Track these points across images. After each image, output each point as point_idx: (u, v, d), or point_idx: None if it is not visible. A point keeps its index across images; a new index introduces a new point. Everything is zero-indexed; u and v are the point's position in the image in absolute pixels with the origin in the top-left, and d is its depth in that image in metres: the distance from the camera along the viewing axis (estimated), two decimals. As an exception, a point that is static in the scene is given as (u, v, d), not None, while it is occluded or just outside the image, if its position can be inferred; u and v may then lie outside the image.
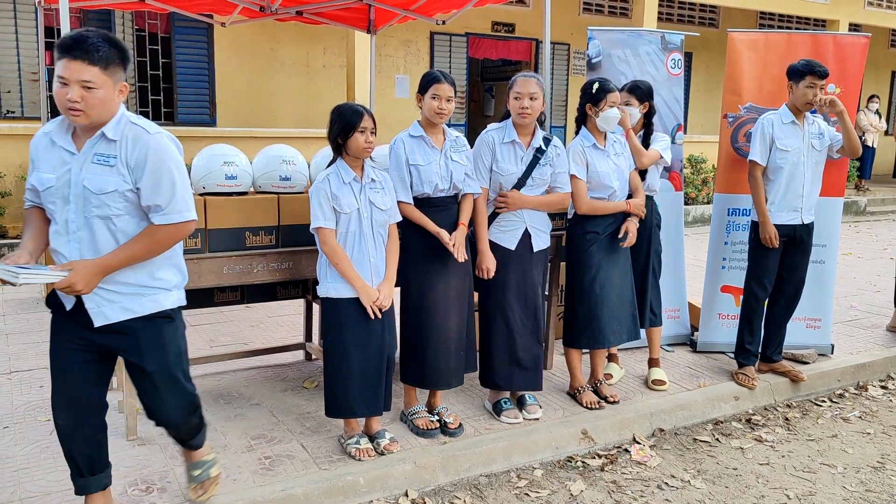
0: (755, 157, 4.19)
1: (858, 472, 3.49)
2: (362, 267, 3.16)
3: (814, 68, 4.05)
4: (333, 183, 3.13)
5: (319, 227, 3.13)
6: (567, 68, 12.81)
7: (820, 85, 4.06)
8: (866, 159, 13.70)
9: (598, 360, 4.01)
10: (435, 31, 11.26)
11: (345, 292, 3.15)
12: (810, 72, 4.05)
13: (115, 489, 2.90)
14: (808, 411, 4.24)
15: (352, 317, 3.16)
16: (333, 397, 3.24)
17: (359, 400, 3.20)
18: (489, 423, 3.66)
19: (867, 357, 4.85)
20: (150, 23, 9.19)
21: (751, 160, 4.22)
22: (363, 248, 3.16)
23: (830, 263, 4.78)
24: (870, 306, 6.23)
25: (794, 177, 4.17)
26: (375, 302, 3.14)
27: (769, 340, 4.44)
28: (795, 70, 4.11)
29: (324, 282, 3.20)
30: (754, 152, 4.20)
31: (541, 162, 3.59)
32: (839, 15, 13.40)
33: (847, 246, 9.10)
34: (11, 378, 4.12)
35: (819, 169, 4.25)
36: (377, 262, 3.20)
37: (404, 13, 6.04)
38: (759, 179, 4.19)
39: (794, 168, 4.16)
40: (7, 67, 8.39)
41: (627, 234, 3.76)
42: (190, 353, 4.63)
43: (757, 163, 4.19)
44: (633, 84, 4.15)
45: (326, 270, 3.19)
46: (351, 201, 3.13)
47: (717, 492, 3.27)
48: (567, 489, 3.24)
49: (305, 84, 10.38)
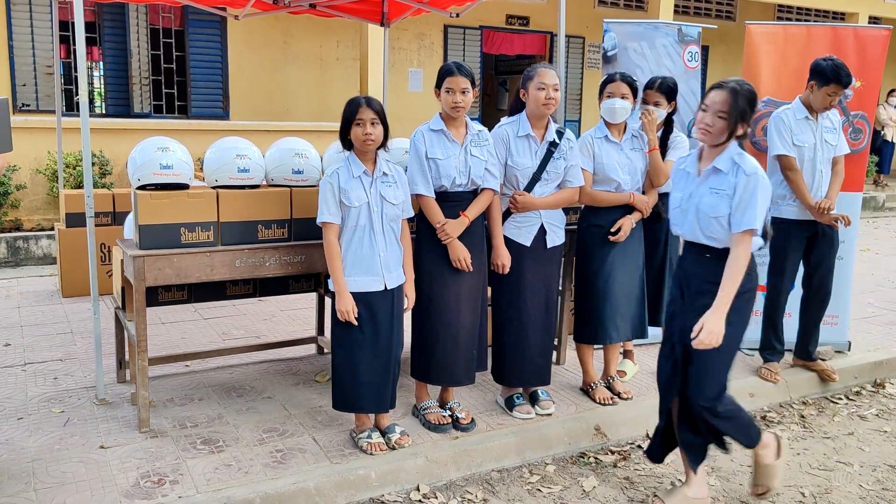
0: (781, 151, 4.08)
1: (875, 471, 3.45)
2: (372, 261, 3.15)
3: (841, 78, 3.91)
4: (342, 177, 3.12)
5: (323, 221, 3.13)
6: (582, 62, 12.72)
7: (842, 93, 3.98)
8: (885, 154, 13.52)
9: (610, 355, 3.98)
10: (449, 23, 11.20)
11: (354, 287, 3.14)
12: (837, 81, 3.92)
13: (128, 480, 2.92)
14: (825, 409, 4.19)
15: (361, 313, 3.15)
16: (341, 392, 3.23)
17: (365, 396, 3.20)
18: (501, 418, 3.64)
19: (885, 354, 4.79)
20: (163, 16, 9.21)
21: (777, 155, 4.12)
22: (373, 242, 3.15)
23: (848, 259, 4.72)
24: (888, 303, 6.15)
25: (809, 172, 4.10)
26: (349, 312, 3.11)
27: (803, 337, 4.40)
28: (822, 73, 3.96)
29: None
30: (777, 146, 4.10)
31: (555, 155, 3.55)
32: (859, 7, 13.21)
33: (865, 242, 8.99)
34: (26, 370, 4.15)
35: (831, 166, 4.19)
36: (387, 257, 3.19)
37: (418, 6, 6.01)
38: (796, 168, 4.08)
39: (808, 164, 4.10)
40: (22, 61, 8.43)
41: (620, 229, 3.71)
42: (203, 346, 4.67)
43: (786, 155, 4.09)
44: (661, 81, 3.95)
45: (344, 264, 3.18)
46: (360, 195, 3.12)
47: (732, 489, 3.24)
48: (579, 485, 3.22)
49: (319, 77, 10.37)
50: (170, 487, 2.89)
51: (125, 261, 3.45)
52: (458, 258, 3.33)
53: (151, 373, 3.93)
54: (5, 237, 6.92)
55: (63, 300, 5.66)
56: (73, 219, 5.66)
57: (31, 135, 7.62)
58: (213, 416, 3.57)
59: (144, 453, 3.16)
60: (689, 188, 2.93)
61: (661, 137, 3.97)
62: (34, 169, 7.65)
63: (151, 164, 3.30)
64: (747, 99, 2.77)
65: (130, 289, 3.49)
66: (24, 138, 7.53)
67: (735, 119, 2.76)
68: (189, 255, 3.27)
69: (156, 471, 3.01)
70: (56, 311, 5.37)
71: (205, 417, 3.54)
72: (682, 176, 3.00)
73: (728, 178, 2.79)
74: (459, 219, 3.34)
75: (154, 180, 3.31)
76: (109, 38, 8.93)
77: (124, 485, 2.89)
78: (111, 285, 5.02)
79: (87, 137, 3.53)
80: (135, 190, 3.31)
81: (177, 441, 3.28)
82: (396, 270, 3.24)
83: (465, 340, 3.44)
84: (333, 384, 3.26)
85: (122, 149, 7.77)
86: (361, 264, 3.15)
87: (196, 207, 3.31)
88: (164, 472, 3.00)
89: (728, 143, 2.83)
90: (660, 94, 3.92)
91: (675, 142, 3.99)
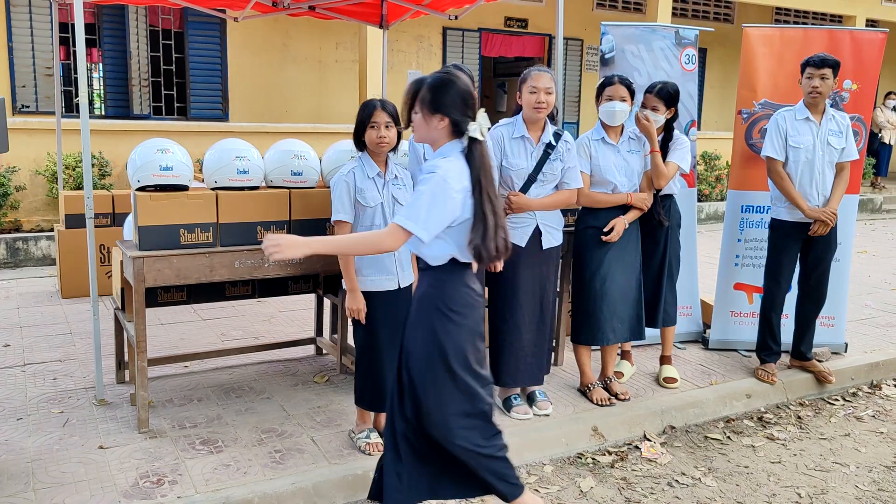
0: (769, 153, 4.15)
1: (871, 472, 3.46)
2: (387, 260, 3.18)
3: (809, 60, 4.07)
4: (358, 176, 3.15)
5: (338, 220, 3.14)
6: (580, 64, 12.74)
7: (819, 74, 4.03)
8: (883, 157, 13.55)
9: (608, 356, 3.99)
10: (447, 26, 11.23)
11: (370, 286, 3.17)
12: (806, 63, 4.08)
13: (127, 481, 2.93)
14: (821, 410, 4.21)
15: (379, 311, 3.18)
16: (367, 391, 3.26)
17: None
18: (499, 418, 3.62)
19: (881, 356, 4.81)
20: (163, 18, 9.22)
21: (766, 156, 4.18)
22: None
23: (845, 261, 4.74)
24: (884, 304, 6.17)
25: (806, 174, 4.12)
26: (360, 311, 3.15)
27: (799, 337, 4.43)
28: (801, 66, 4.14)
29: (357, 275, 3.20)
30: (766, 147, 4.17)
31: (551, 157, 3.57)
32: (856, 10, 13.24)
33: (862, 244, 9.01)
34: (26, 370, 4.15)
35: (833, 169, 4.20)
36: (401, 255, 3.23)
37: (416, 8, 6.03)
38: (780, 173, 4.14)
39: (806, 166, 4.11)
40: (22, 62, 8.44)
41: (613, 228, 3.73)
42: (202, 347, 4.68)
43: (773, 158, 4.14)
44: (661, 87, 3.95)
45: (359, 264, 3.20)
46: (375, 195, 3.15)
47: (728, 490, 3.25)
48: (577, 485, 3.24)
49: (318, 79, 10.38)
50: (169, 488, 2.90)
51: (125, 262, 3.46)
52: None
53: (151, 373, 3.94)
54: (5, 238, 6.93)
55: (62, 301, 5.67)
56: (72, 220, 5.67)
57: (30, 136, 7.63)
58: (212, 416, 3.58)
59: (143, 454, 3.17)
60: None
61: (661, 143, 3.96)
62: (34, 170, 7.65)
63: (151, 165, 3.32)
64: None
65: (130, 290, 3.50)
66: (24, 139, 7.55)
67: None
68: (188, 256, 3.29)
69: (155, 471, 3.02)
70: (55, 311, 5.37)
71: (204, 418, 3.55)
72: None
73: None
74: None
75: (153, 181, 3.33)
76: (109, 39, 8.94)
77: (123, 485, 2.90)
78: (111, 286, 5.02)
79: (87, 139, 3.54)
80: (134, 191, 3.33)
81: (176, 441, 3.29)
82: (408, 268, 3.27)
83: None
84: (357, 383, 3.29)
85: (121, 150, 7.78)
86: (378, 263, 3.18)
87: (195, 209, 3.32)
88: (163, 473, 3.01)
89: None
90: (658, 99, 3.93)
91: (677, 143, 3.98)
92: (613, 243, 3.77)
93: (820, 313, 4.40)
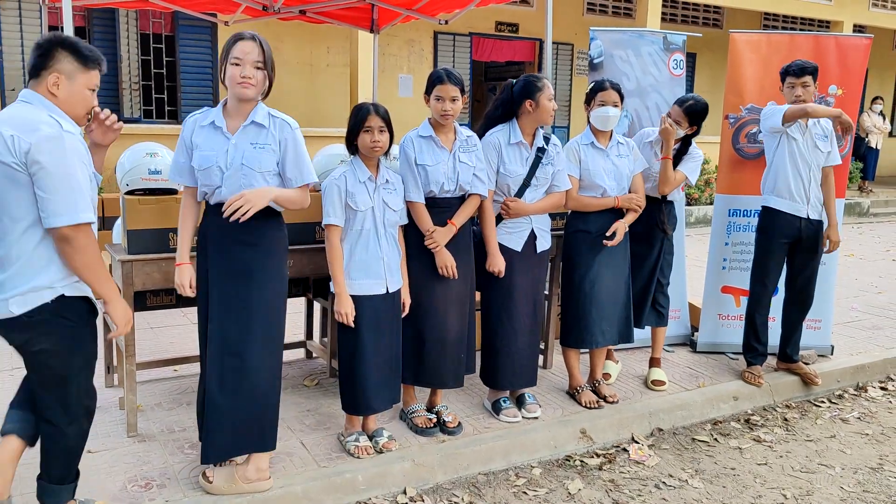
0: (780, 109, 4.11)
1: (856, 473, 3.50)
2: (376, 264, 3.19)
3: (788, 69, 4.15)
4: (349, 181, 3.16)
5: (329, 224, 3.15)
6: (571, 68, 12.81)
7: (801, 83, 4.10)
8: (870, 161, 13.67)
9: (596, 359, 4.01)
10: (438, 30, 11.27)
11: (358, 290, 3.18)
12: (786, 72, 4.17)
13: (115, 485, 2.93)
14: (807, 412, 4.24)
15: (365, 315, 3.19)
16: (351, 396, 3.26)
17: (375, 397, 3.24)
18: (488, 421, 3.67)
19: (867, 358, 4.85)
20: (154, 22, 9.22)
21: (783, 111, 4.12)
22: (378, 245, 3.19)
23: (832, 264, 4.78)
24: (870, 307, 6.22)
25: (797, 167, 4.17)
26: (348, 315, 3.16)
27: (785, 340, 4.46)
28: (780, 76, 4.22)
29: (346, 279, 3.20)
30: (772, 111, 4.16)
31: (543, 161, 3.60)
32: (844, 16, 13.37)
33: (849, 247, 9.08)
34: (14, 374, 4.13)
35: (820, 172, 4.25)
36: (390, 261, 3.24)
37: (407, 13, 6.05)
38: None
39: (801, 160, 4.16)
40: (11, 66, 8.42)
41: (615, 233, 3.76)
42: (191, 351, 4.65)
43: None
44: (692, 104, 3.99)
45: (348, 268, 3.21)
46: (366, 199, 3.16)
47: (715, 491, 3.28)
48: (565, 488, 3.25)
49: (309, 83, 10.40)
50: (157, 492, 2.90)
51: (113, 266, 3.46)
52: (443, 265, 3.37)
53: (139, 377, 3.93)
54: (-7, 242, 6.89)
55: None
56: (61, 224, 5.64)
57: (19, 139, 7.60)
58: (201, 420, 3.57)
59: (132, 457, 3.16)
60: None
61: (676, 153, 4.04)
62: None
63: (140, 169, 3.32)
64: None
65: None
66: (13, 143, 7.52)
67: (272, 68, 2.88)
68: (177, 260, 3.28)
69: (143, 475, 3.02)
70: (44, 316, 5.34)
71: (192, 422, 3.54)
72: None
73: (270, 132, 2.86)
74: (447, 227, 3.38)
75: (142, 185, 3.33)
76: (99, 43, 8.92)
77: (112, 489, 2.90)
78: (99, 290, 5.01)
79: (76, 143, 3.53)
80: (123, 195, 3.33)
81: (164, 445, 3.28)
82: (397, 274, 3.28)
83: (452, 344, 3.47)
84: (342, 388, 3.29)
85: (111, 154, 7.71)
86: (366, 268, 3.19)
87: (184, 212, 3.31)
88: (151, 477, 3.01)
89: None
90: (685, 114, 3.99)
91: (692, 155, 4.08)
92: (601, 246, 3.79)
93: (806, 316, 4.44)
